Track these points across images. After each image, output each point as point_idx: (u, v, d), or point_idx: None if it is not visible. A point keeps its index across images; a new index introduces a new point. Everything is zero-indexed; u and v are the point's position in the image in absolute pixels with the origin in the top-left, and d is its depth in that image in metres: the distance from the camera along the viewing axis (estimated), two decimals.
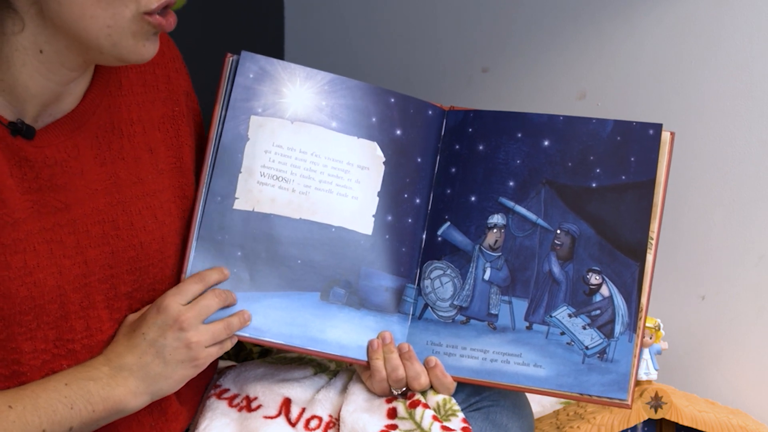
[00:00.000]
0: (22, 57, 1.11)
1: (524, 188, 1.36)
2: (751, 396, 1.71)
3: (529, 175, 1.36)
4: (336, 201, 1.34)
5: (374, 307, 1.35)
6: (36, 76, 1.13)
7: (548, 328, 1.33)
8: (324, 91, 1.35)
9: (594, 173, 1.34)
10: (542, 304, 1.34)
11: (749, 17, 1.68)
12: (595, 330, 1.31)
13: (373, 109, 1.37)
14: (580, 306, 1.33)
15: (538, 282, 1.34)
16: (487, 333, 1.34)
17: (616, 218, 1.33)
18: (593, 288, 1.33)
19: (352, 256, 1.34)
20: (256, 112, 1.33)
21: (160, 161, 1.28)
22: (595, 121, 1.35)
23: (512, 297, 1.34)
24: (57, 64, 1.13)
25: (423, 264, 1.37)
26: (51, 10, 1.08)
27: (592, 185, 1.34)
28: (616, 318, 1.31)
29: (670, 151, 1.34)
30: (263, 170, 1.33)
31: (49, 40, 1.11)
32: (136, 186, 1.25)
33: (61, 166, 1.18)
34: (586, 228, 1.34)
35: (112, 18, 1.10)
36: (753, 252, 1.70)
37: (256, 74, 1.33)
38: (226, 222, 1.31)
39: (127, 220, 1.23)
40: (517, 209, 1.35)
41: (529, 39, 1.92)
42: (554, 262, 1.34)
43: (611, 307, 1.32)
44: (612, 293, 1.32)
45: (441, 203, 1.38)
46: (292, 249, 1.33)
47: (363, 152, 1.36)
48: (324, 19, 2.23)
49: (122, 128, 1.24)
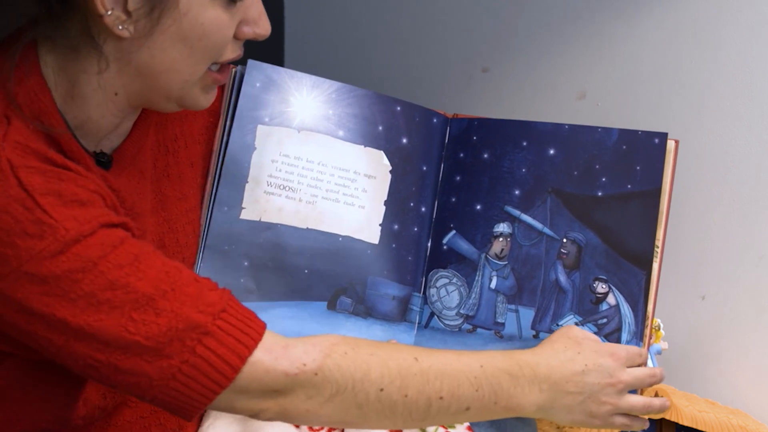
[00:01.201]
0: (99, 96, 1.12)
1: (530, 197, 1.36)
2: (751, 396, 1.72)
3: (534, 183, 1.36)
4: (343, 210, 1.34)
5: (381, 316, 1.35)
6: (107, 115, 1.14)
7: None
8: (331, 99, 1.35)
9: (600, 182, 1.35)
10: (549, 312, 1.34)
11: (749, 18, 1.68)
12: (602, 338, 1.32)
13: (380, 117, 1.36)
14: (587, 314, 1.33)
15: (545, 291, 1.35)
16: (494, 342, 1.35)
17: (621, 227, 1.34)
18: (600, 297, 1.33)
19: (358, 265, 1.34)
20: (263, 122, 1.33)
21: (198, 175, 1.29)
22: (600, 130, 1.35)
23: (519, 306, 1.35)
24: (125, 105, 1.15)
25: (428, 273, 1.37)
26: (141, 60, 1.10)
27: (597, 194, 1.35)
28: (622, 326, 1.32)
29: (674, 159, 1.34)
30: (270, 180, 1.33)
31: (125, 84, 1.12)
32: (180, 203, 1.26)
33: (137, 194, 1.19)
34: (593, 237, 1.34)
35: (190, 73, 1.12)
36: (753, 252, 1.71)
37: (263, 83, 1.33)
38: (233, 232, 1.31)
39: (174, 238, 1.24)
40: (523, 218, 1.36)
41: (529, 39, 1.92)
42: (561, 270, 1.34)
43: (618, 316, 1.32)
44: (618, 302, 1.33)
45: (446, 211, 1.38)
46: (299, 258, 1.33)
47: (370, 161, 1.36)
48: (324, 19, 2.22)
49: (168, 145, 1.26)
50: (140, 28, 1.08)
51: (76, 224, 1.03)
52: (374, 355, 1.12)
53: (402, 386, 1.12)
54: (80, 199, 1.05)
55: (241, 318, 1.08)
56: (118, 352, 1.03)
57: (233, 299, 1.09)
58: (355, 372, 1.10)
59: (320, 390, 1.09)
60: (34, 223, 1.02)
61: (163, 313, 1.04)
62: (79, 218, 1.04)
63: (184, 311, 1.05)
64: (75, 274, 1.03)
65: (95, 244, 1.04)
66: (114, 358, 1.04)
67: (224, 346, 1.06)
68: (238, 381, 1.06)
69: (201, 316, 1.05)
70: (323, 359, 1.10)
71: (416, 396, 1.13)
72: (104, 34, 1.09)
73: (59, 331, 1.03)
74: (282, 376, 1.08)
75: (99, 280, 1.03)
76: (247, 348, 1.06)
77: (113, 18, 1.07)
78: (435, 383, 1.13)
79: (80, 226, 1.04)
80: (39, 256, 1.02)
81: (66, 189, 1.05)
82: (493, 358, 1.18)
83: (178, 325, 1.04)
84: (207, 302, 1.06)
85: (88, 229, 1.04)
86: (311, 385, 1.09)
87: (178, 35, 1.09)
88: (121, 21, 1.07)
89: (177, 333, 1.04)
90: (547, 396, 1.20)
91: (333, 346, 1.11)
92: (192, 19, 1.09)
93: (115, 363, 1.04)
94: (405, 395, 1.12)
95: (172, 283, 1.06)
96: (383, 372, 1.11)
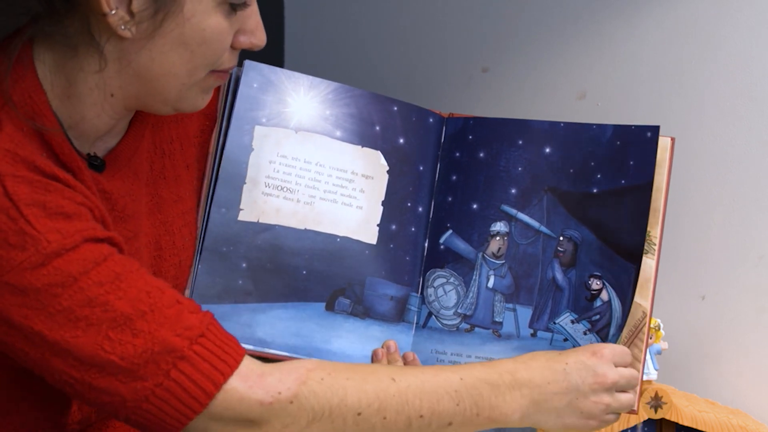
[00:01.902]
0: (95, 96, 1.12)
1: (526, 195, 1.36)
2: (751, 396, 1.72)
3: (531, 182, 1.36)
4: (341, 211, 1.34)
5: (379, 317, 1.35)
6: (102, 116, 1.14)
7: (552, 335, 1.34)
8: (328, 100, 1.35)
9: (595, 179, 1.35)
10: (546, 311, 1.34)
11: (749, 17, 1.68)
12: (594, 334, 1.32)
13: (377, 117, 1.37)
14: (582, 312, 1.33)
15: (542, 289, 1.35)
16: (492, 340, 1.35)
17: (615, 222, 1.34)
18: (594, 293, 1.33)
19: (356, 265, 1.35)
20: (260, 122, 1.33)
21: (194, 177, 1.29)
22: (595, 127, 1.35)
23: (516, 304, 1.35)
24: (121, 107, 1.15)
25: (426, 272, 1.38)
26: (140, 62, 1.10)
27: (593, 191, 1.35)
28: (612, 321, 1.32)
29: (670, 156, 1.33)
30: (268, 181, 1.33)
31: (123, 86, 1.12)
32: (177, 204, 1.26)
33: (131, 196, 1.19)
34: (588, 233, 1.34)
35: (188, 77, 1.12)
36: (753, 252, 1.71)
37: (260, 84, 1.33)
38: (231, 233, 1.31)
39: (170, 240, 1.24)
40: (520, 217, 1.36)
41: (529, 39, 1.92)
42: (557, 269, 1.35)
43: (609, 311, 1.32)
44: (611, 297, 1.33)
45: (443, 211, 1.38)
46: (296, 259, 1.33)
47: (367, 161, 1.36)
48: (324, 19, 2.22)
49: (164, 147, 1.25)
50: (143, 29, 1.08)
51: (59, 237, 1.03)
52: (350, 380, 1.11)
53: (380, 408, 1.11)
54: (65, 212, 1.05)
55: (220, 344, 1.07)
56: (93, 370, 1.03)
57: (214, 323, 1.08)
58: (332, 398, 1.10)
59: (296, 418, 1.08)
60: (17, 234, 1.02)
61: (140, 334, 1.04)
62: (63, 231, 1.04)
63: (161, 333, 1.04)
64: (55, 288, 1.02)
65: (77, 259, 1.04)
66: (89, 376, 1.04)
67: (199, 371, 1.05)
68: (212, 408, 1.06)
69: (178, 339, 1.05)
70: (298, 387, 1.09)
71: (395, 417, 1.12)
72: (106, 33, 1.09)
73: (36, 345, 1.03)
74: (257, 405, 1.07)
75: (78, 296, 1.03)
76: (222, 375, 1.06)
77: (117, 18, 1.07)
78: (414, 402, 1.13)
79: (63, 239, 1.03)
80: (20, 267, 1.02)
81: (52, 201, 1.04)
82: (472, 369, 1.18)
83: (154, 347, 1.04)
84: (186, 325, 1.06)
85: (71, 243, 1.04)
86: (286, 414, 1.08)
87: (179, 40, 1.09)
88: (124, 21, 1.07)
89: (152, 355, 1.04)
90: (529, 401, 1.18)
91: (309, 373, 1.10)
92: (195, 25, 1.09)
93: (90, 381, 1.04)
94: (384, 417, 1.12)
95: (152, 304, 1.05)
96: (360, 396, 1.11)
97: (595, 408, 1.21)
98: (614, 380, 1.22)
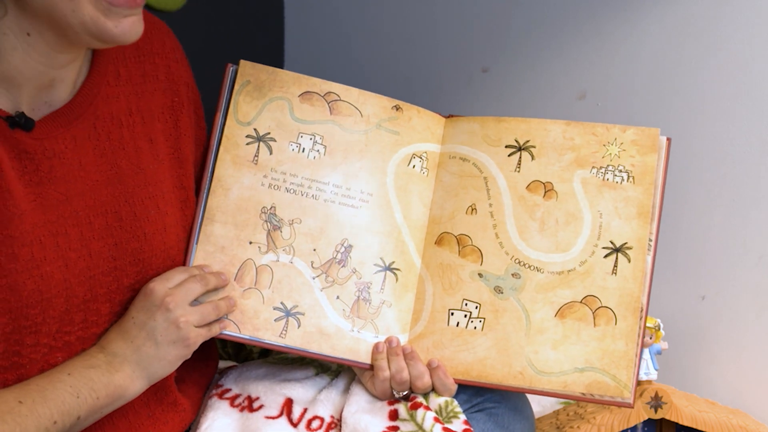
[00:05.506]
0: (12, 41, 1.13)
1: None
2: (751, 396, 1.71)
3: None
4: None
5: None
6: (28, 60, 1.14)
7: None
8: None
9: None
10: None
11: (749, 17, 1.68)
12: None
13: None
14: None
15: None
16: None
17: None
18: None
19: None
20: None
21: (159, 151, 1.28)
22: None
23: None
24: (44, 46, 1.14)
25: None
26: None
27: None
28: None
29: (666, 155, 1.34)
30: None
31: (31, 23, 1.12)
32: (137, 176, 1.25)
33: (60, 157, 1.18)
34: None
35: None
36: (753, 252, 1.71)
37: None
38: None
39: (131, 210, 1.24)
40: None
41: (529, 39, 1.92)
42: None
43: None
44: None
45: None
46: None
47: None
48: (324, 19, 2.23)
49: (121, 118, 1.25)
50: None
51: None
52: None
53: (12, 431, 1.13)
54: None
55: None
56: None
57: None
58: None
59: None
60: None
61: None
62: None
63: None
64: None
65: None
66: None
67: None
68: None
69: None
70: None
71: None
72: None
73: None
74: None
75: None
76: None
77: None
78: (45, 412, 1.15)
79: None
80: None
81: None
82: (73, 362, 1.20)
83: None
84: None
85: None
86: None
87: None
88: None
89: None
90: (129, 363, 1.22)
91: None
92: None
93: None
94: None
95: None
96: (2, 429, 1.12)
97: (177, 329, 1.23)
98: (175, 297, 1.24)
